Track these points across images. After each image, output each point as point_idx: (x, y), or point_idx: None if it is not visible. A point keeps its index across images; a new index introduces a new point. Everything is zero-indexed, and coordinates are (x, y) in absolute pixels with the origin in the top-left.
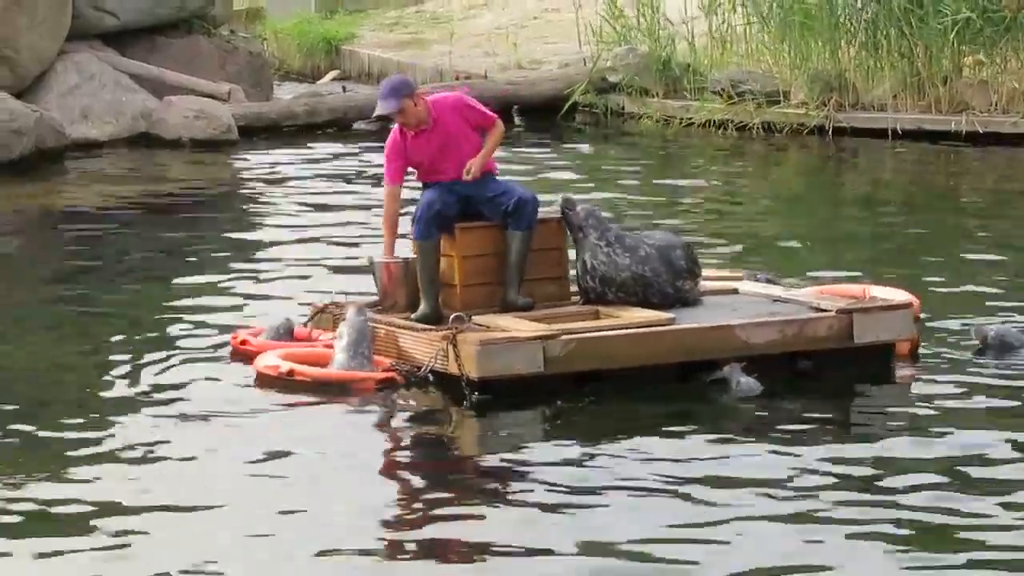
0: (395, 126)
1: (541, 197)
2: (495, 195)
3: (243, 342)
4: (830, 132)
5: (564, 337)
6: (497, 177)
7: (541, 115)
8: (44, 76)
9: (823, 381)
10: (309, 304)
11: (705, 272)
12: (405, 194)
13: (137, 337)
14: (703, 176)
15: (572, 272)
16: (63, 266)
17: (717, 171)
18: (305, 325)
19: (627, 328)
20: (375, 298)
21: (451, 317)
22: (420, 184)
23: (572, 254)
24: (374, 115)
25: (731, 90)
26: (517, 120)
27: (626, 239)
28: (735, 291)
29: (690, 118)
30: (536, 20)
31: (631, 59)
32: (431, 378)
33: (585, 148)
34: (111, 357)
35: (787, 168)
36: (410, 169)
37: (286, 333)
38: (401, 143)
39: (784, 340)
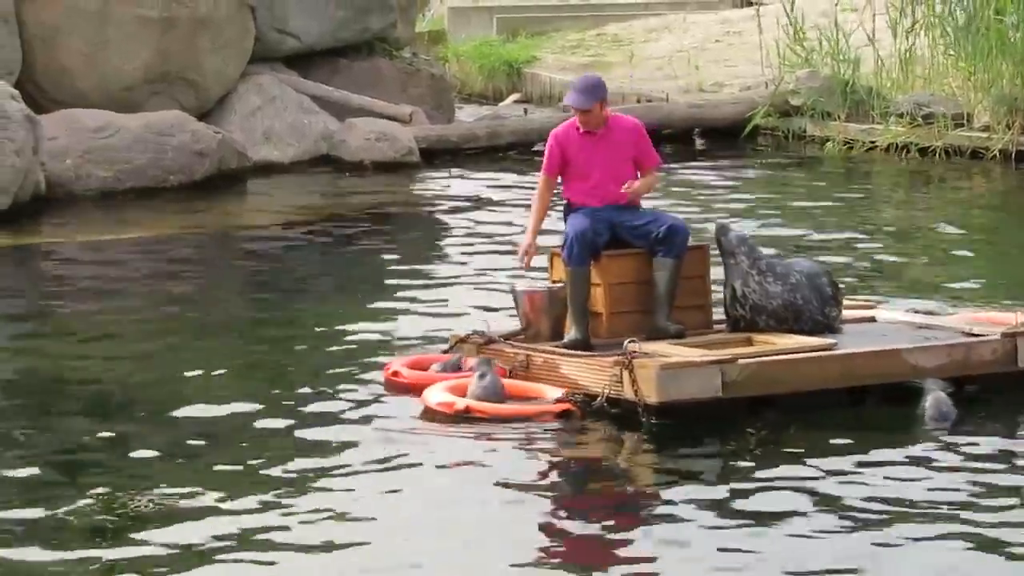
0: (571, 119)
1: (706, 222)
2: (643, 223)
3: (395, 373)
4: (1014, 156)
5: (741, 362)
6: (640, 208)
7: (723, 137)
8: (227, 98)
9: (991, 405)
10: (451, 331)
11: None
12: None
13: (298, 360)
14: (881, 201)
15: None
16: (240, 286)
17: (896, 196)
18: (445, 352)
19: (795, 353)
20: (517, 327)
21: (626, 342)
22: (563, 206)
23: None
24: (564, 103)
25: (915, 113)
26: (699, 143)
27: (777, 267)
28: (872, 319)
29: (872, 141)
30: (718, 43)
31: (813, 82)
32: (606, 406)
33: (765, 171)
34: (271, 381)
35: (967, 193)
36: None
37: (452, 367)
38: (567, 134)
39: (953, 364)
